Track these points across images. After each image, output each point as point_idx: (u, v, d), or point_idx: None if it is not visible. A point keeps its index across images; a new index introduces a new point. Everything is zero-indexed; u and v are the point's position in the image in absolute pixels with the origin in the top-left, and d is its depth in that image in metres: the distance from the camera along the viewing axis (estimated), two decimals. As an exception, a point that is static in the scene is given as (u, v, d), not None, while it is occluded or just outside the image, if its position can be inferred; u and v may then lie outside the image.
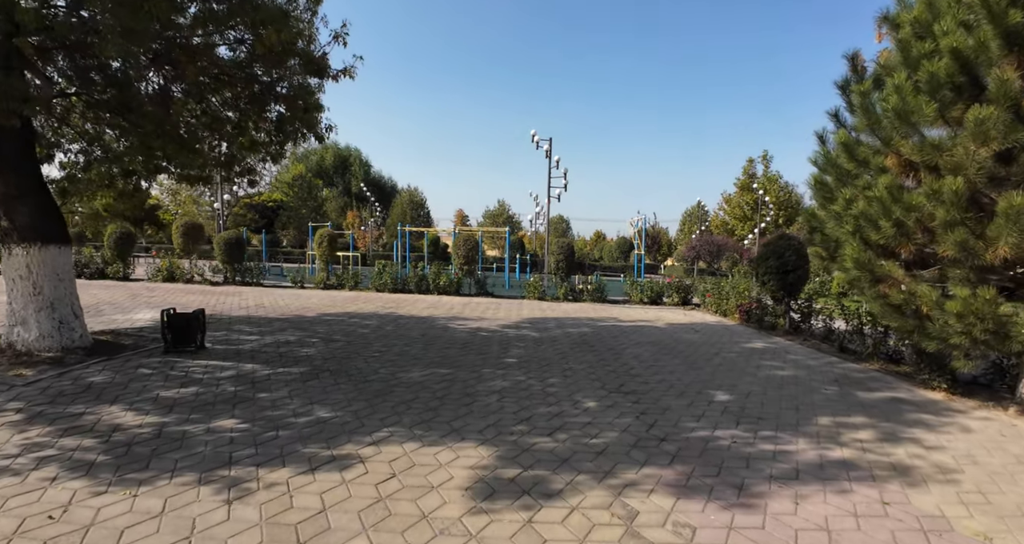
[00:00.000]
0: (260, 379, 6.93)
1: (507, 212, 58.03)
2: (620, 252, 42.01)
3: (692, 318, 14.96)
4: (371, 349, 8.90)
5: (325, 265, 18.71)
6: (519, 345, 9.76)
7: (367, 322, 11.58)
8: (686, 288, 18.26)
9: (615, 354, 9.35)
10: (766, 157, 40.95)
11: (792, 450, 5.24)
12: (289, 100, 7.85)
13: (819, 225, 7.42)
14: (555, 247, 18.33)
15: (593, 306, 16.96)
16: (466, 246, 17.75)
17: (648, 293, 18.11)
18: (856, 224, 6.07)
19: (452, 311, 14.09)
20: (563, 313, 14.77)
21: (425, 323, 11.81)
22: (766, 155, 41.11)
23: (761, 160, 40.91)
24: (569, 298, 18.06)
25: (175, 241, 18.86)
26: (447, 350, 9.07)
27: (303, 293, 17.09)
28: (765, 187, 38.94)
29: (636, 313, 15.52)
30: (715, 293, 16.13)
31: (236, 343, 8.99)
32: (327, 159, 63.26)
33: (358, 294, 17.38)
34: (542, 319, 13.35)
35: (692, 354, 9.70)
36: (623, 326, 12.71)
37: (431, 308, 14.58)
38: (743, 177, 40.70)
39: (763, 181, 39.32)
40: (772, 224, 37.47)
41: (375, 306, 14.45)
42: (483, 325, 11.89)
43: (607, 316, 14.46)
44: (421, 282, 18.01)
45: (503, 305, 16.07)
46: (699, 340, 11.22)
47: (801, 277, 11.46)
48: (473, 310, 14.52)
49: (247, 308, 13.13)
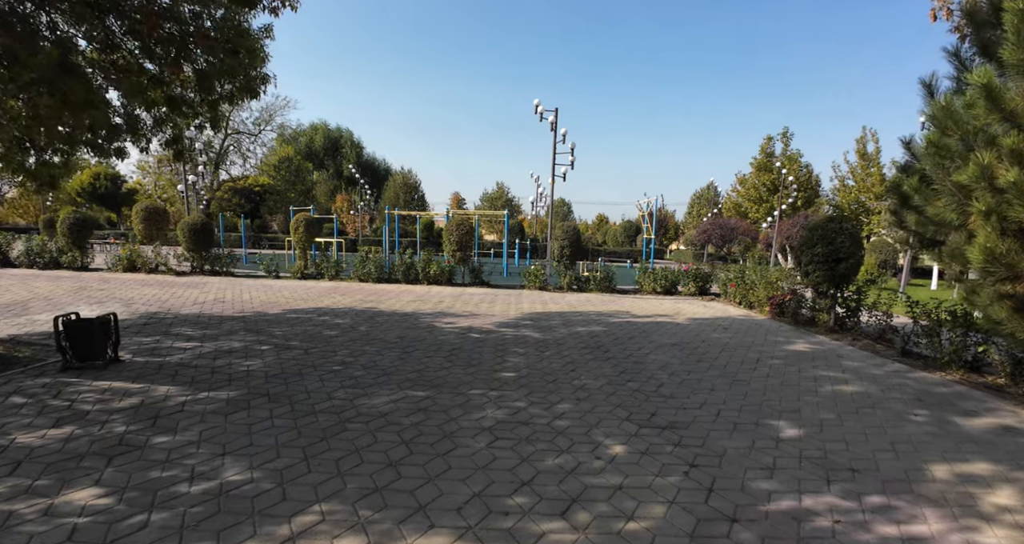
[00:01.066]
0: (169, 411, 5.14)
1: (506, 195, 55.74)
2: (626, 236, 40.02)
3: (714, 311, 13.16)
4: (333, 360, 7.10)
5: (303, 253, 16.86)
6: (518, 351, 7.97)
7: (338, 321, 9.77)
8: (704, 276, 16.44)
9: (636, 363, 7.56)
10: (786, 134, 38.29)
11: (926, 535, 3.48)
12: (211, 41, 5.93)
13: (920, 202, 5.56)
14: (559, 231, 16.47)
15: (601, 297, 15.15)
16: (459, 231, 15.89)
17: (662, 282, 16.29)
18: (995, 201, 4.24)
19: (441, 305, 12.28)
20: (568, 306, 12.96)
21: (407, 321, 10.00)
22: (786, 132, 38.40)
23: (780, 138, 38.34)
24: (574, 288, 16.24)
25: (135, 227, 16.97)
26: (428, 360, 7.27)
27: (276, 284, 15.26)
28: (786, 166, 36.71)
29: (650, 305, 13.72)
30: (739, 282, 14.31)
31: (164, 353, 7.19)
32: (317, 141, 60.80)
33: (337, 285, 15.55)
34: (544, 314, 11.54)
35: (729, 361, 7.91)
36: (639, 323, 10.91)
37: (418, 301, 12.76)
38: (760, 156, 38.20)
39: (783, 160, 36.94)
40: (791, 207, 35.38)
41: (353, 300, 12.63)
42: (476, 323, 10.09)
43: (618, 309, 12.65)
44: (409, 271, 16.17)
45: (500, 297, 14.26)
46: (731, 341, 9.44)
47: (853, 266, 9.65)
48: (465, 303, 12.71)
49: (203, 303, 11.31)
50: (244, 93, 6.84)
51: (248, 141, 45.10)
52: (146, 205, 17.12)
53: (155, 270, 16.58)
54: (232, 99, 7.20)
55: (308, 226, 16.58)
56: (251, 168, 45.83)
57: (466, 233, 15.92)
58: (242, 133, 44.68)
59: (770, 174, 36.53)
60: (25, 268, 16.39)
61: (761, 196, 36.90)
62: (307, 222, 16.56)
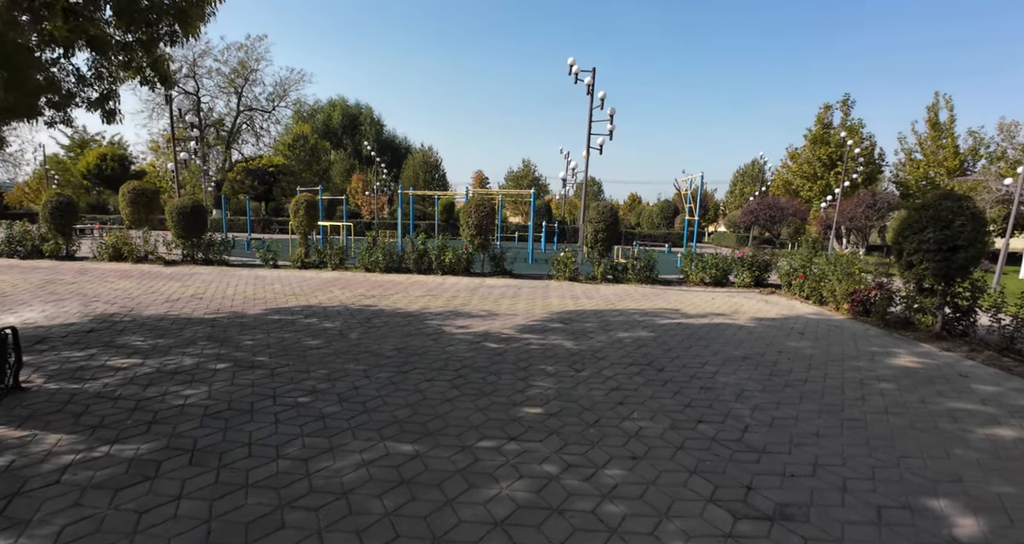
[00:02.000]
0: (39, 482, 3.50)
1: (532, 173, 53.33)
2: (663, 217, 37.47)
3: (779, 308, 11.13)
4: (303, 386, 5.39)
5: (303, 239, 15.24)
6: (545, 370, 6.15)
7: (327, 325, 8.08)
8: (762, 265, 14.33)
9: (704, 389, 5.69)
10: (847, 102, 34.81)
11: None
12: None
13: None
14: (593, 212, 14.51)
15: (641, 290, 13.20)
16: (479, 213, 14.05)
17: (712, 271, 14.24)
18: None
19: (455, 301, 10.50)
20: (604, 302, 11.07)
21: (411, 325, 8.26)
22: (847, 100, 34.87)
23: (840, 106, 34.82)
24: (609, 278, 14.32)
25: (122, 210, 15.54)
26: (428, 385, 5.51)
27: (270, 275, 13.67)
28: (849, 137, 33.48)
29: (701, 301, 11.73)
30: (808, 273, 12.20)
31: (90, 375, 5.56)
32: (335, 118, 59.10)
33: (340, 275, 13.90)
34: (577, 313, 9.68)
35: (825, 385, 5.99)
36: (693, 325, 8.98)
37: (427, 296, 11.01)
38: (816, 127, 34.86)
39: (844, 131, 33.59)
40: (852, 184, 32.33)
41: (353, 295, 10.94)
42: (494, 326, 8.29)
43: (664, 307, 10.71)
44: (421, 260, 14.42)
45: (524, 290, 12.42)
46: (815, 352, 7.47)
47: (973, 257, 7.55)
48: (483, 299, 10.91)
49: (176, 301, 9.75)
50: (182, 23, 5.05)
51: (261, 118, 43.61)
52: (134, 186, 15.65)
53: (143, 259, 15.16)
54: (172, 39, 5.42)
55: (309, 208, 14.91)
56: (265, 147, 44.42)
57: (486, 215, 14.07)
58: (255, 110, 43.19)
59: (827, 147, 33.34)
60: (5, 258, 15.13)
61: (816, 172, 33.77)
62: (307, 204, 14.89)
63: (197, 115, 42.07)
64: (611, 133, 14.56)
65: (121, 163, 40.37)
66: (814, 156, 34.61)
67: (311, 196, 15.21)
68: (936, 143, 33.09)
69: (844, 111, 35.23)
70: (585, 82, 13.84)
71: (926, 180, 33.50)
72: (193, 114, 42.17)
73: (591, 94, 13.85)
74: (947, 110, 33.34)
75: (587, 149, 14.34)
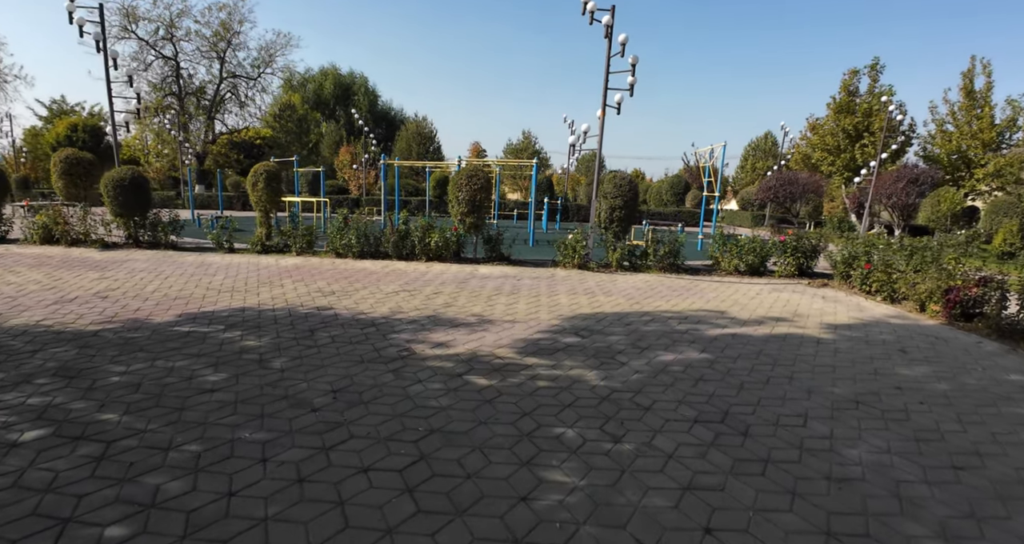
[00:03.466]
0: None
1: (533, 146, 50.31)
2: (673, 194, 34.81)
3: (846, 309, 8.80)
4: (136, 488, 3.07)
5: (265, 217, 12.82)
6: (563, 441, 3.84)
7: (249, 343, 5.73)
8: (809, 250, 11.95)
9: (837, 485, 3.37)
10: (875, 67, 31.52)
11: None
12: None
13: None
14: (609, 186, 12.05)
15: (666, 280, 10.84)
16: (471, 185, 11.62)
17: (749, 258, 11.86)
18: None
19: (436, 301, 8.15)
20: (626, 299, 8.71)
21: (368, 341, 5.92)
22: (876, 64, 31.49)
23: (868, 72, 31.66)
24: (626, 265, 11.95)
25: (54, 183, 13.11)
26: (360, 487, 3.19)
27: (220, 262, 11.30)
28: (875, 105, 30.44)
29: (746, 297, 9.39)
30: (878, 263, 9.83)
31: None
32: (326, 88, 55.73)
33: (304, 262, 11.52)
34: (596, 318, 7.34)
35: (1006, 461, 3.67)
36: (753, 338, 6.65)
37: (403, 293, 8.66)
38: (841, 95, 31.77)
39: (872, 99, 30.64)
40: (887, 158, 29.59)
41: (307, 291, 8.58)
42: (484, 344, 5.95)
43: (705, 308, 8.36)
44: (402, 243, 12.02)
45: (524, 281, 10.06)
46: (949, 388, 5.16)
47: None
48: (473, 296, 8.56)
49: (69, 301, 7.40)
50: None
51: (246, 86, 40.52)
52: (68, 154, 13.14)
53: (79, 241, 12.76)
54: None
55: (269, 181, 12.43)
56: (251, 118, 41.46)
57: (480, 189, 11.61)
58: (239, 77, 40.09)
59: (853, 117, 30.41)
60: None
61: (840, 145, 30.89)
62: (268, 175, 12.39)
63: (176, 82, 39.17)
64: (632, 88, 12.01)
65: (94, 134, 37.51)
66: (838, 127, 31.82)
67: (272, 166, 12.71)
68: (971, 113, 30.29)
69: (872, 77, 32.25)
70: (603, 22, 11.25)
71: (958, 154, 30.78)
72: (172, 81, 39.32)
73: (609, 37, 11.28)
74: (984, 76, 30.44)
75: (603, 107, 11.81)
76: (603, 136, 12.28)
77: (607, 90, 11.82)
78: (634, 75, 11.72)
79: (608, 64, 11.57)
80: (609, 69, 11.66)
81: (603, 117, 11.99)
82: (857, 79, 32.09)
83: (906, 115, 29.45)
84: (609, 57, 11.51)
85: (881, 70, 32.13)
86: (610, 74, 11.85)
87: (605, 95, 11.75)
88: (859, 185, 25.48)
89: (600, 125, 12.15)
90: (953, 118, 31.33)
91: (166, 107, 37.62)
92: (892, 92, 31.59)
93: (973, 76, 30.69)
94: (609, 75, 11.78)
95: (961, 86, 31.03)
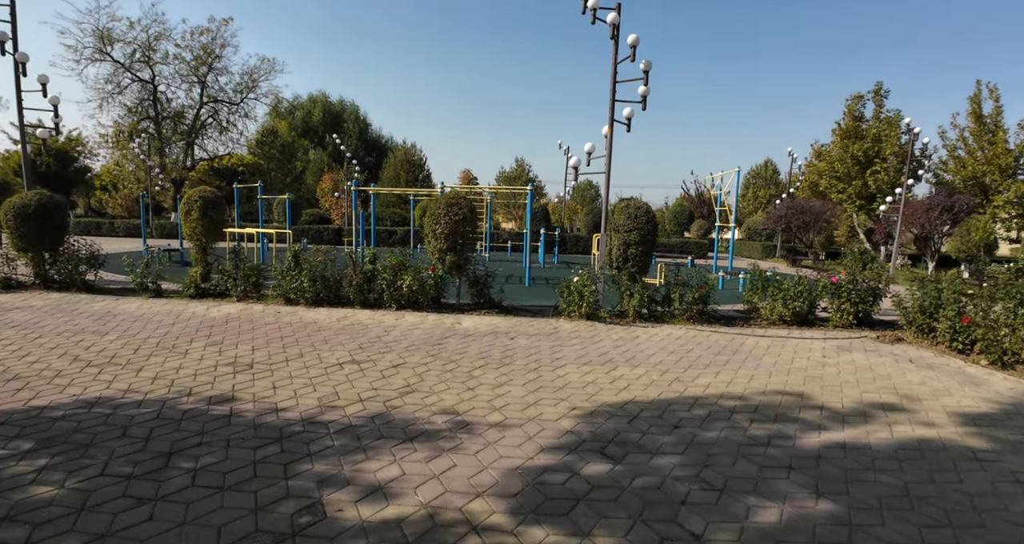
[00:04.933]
0: None
1: (527, 173, 48.36)
2: (676, 223, 32.69)
3: (958, 384, 6.45)
4: None
5: (202, 253, 10.48)
6: None
7: (36, 493, 3.31)
8: (867, 293, 9.71)
9: None
10: (879, 92, 30.09)
11: None
12: None
13: None
14: (622, 217, 9.82)
15: (701, 335, 8.50)
16: (450, 217, 9.37)
17: (796, 303, 9.58)
18: None
19: (392, 381, 5.76)
20: (658, 371, 6.35)
21: (255, 480, 3.54)
22: (879, 90, 30.12)
23: (872, 97, 30.19)
24: (644, 314, 9.64)
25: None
26: None
27: (129, 311, 8.91)
28: (882, 130, 28.78)
29: (811, 362, 7.04)
30: (976, 316, 7.56)
31: None
32: (315, 115, 53.98)
33: (242, 310, 9.14)
34: (623, 411, 4.97)
35: None
36: (873, 450, 4.29)
37: (350, 364, 6.27)
38: (847, 120, 30.22)
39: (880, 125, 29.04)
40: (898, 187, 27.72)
41: (212, 365, 6.17)
42: (451, 485, 3.58)
43: (773, 387, 5.99)
44: (368, 287, 9.69)
45: (519, 343, 7.68)
46: None
47: None
48: (446, 373, 6.18)
49: None
50: None
51: (227, 111, 38.57)
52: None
53: (-27, 281, 10.35)
54: None
55: (206, 209, 10.09)
56: (233, 144, 39.38)
57: (462, 220, 9.35)
58: (220, 102, 38.20)
59: (861, 143, 28.73)
60: None
61: (850, 172, 29.07)
62: (204, 202, 10.05)
63: (154, 106, 37.26)
64: (644, 100, 9.90)
65: (61, 158, 35.15)
66: (846, 153, 30.10)
67: (210, 192, 10.41)
68: (982, 138, 28.69)
69: (877, 102, 30.74)
70: (607, 21, 9.21)
71: (973, 180, 29.03)
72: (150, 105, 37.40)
73: (616, 38, 9.21)
74: (992, 101, 28.96)
75: (610, 122, 9.67)
76: (611, 157, 10.11)
77: (614, 102, 9.70)
78: (647, 83, 9.60)
79: (615, 71, 9.47)
80: (616, 78, 9.56)
81: (610, 134, 9.85)
82: (861, 104, 30.57)
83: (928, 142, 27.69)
84: (616, 63, 9.42)
85: (886, 95, 30.66)
86: (617, 83, 9.78)
87: (612, 108, 9.62)
88: (884, 213, 23.45)
89: (607, 144, 10.00)
90: (964, 143, 29.75)
91: (141, 131, 35.61)
92: (901, 117, 30.05)
93: (980, 101, 29.24)
94: (616, 84, 9.68)
95: (969, 111, 29.56)
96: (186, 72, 36.81)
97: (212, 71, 37.23)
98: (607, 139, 10.06)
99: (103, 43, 33.72)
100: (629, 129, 10.14)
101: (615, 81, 9.67)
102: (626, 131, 10.09)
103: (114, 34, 33.83)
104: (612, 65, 9.52)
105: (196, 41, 36.29)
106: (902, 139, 29.08)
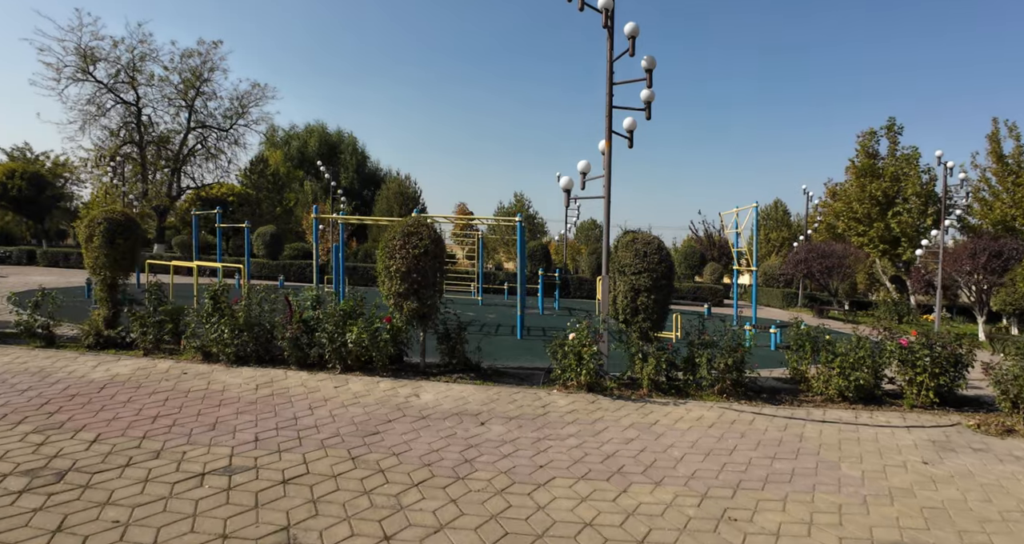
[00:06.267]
0: None
1: (527, 209, 46.64)
2: (687, 266, 30.62)
3: None
4: None
5: (108, 291, 8.44)
6: None
7: None
8: (948, 361, 7.53)
9: None
10: (892, 128, 28.60)
11: None
12: None
13: None
14: (628, 255, 7.76)
15: (739, 421, 6.30)
16: (407, 250, 7.33)
17: (858, 374, 7.40)
18: None
19: (263, 519, 3.59)
20: (695, 495, 4.16)
21: None
22: (892, 125, 28.73)
23: (886, 132, 28.63)
24: (663, 385, 7.46)
25: None
26: None
27: (-7, 367, 6.78)
28: (900, 168, 27.01)
29: (912, 474, 4.82)
30: None
31: None
32: (311, 145, 52.86)
33: (143, 368, 7.01)
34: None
35: None
36: None
37: (216, 477, 4.12)
38: (861, 157, 28.49)
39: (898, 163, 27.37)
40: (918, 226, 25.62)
41: (17, 467, 4.02)
42: None
43: (879, 537, 3.77)
44: (307, 340, 7.57)
45: (491, 436, 5.48)
46: None
47: None
48: (362, 495, 4.04)
49: None
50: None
51: (215, 137, 37.17)
52: None
53: None
54: None
55: (111, 236, 8.05)
56: (219, 170, 37.81)
57: (422, 255, 7.28)
58: (209, 127, 36.83)
59: (880, 182, 26.97)
60: None
61: (870, 213, 27.17)
62: (109, 227, 8.02)
63: (137, 129, 35.93)
64: (649, 107, 7.97)
65: (34, 182, 33.42)
66: (864, 193, 28.27)
67: (118, 215, 8.40)
68: (1007, 180, 26.92)
69: (891, 139, 29.16)
70: (599, 6, 7.39)
71: (1002, 224, 27.08)
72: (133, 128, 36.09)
73: (609, 28, 7.37)
74: (1013, 140, 27.33)
75: (607, 134, 7.76)
76: (611, 177, 8.11)
77: (612, 109, 7.79)
78: (651, 85, 7.69)
79: (611, 71, 7.60)
80: (612, 79, 7.67)
81: (608, 149, 7.91)
82: (875, 140, 28.92)
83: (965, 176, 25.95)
84: (611, 60, 7.56)
85: (899, 131, 29.05)
86: (614, 85, 7.89)
87: (610, 116, 7.71)
88: (922, 259, 21.37)
89: (606, 162, 8.04)
90: (988, 185, 27.96)
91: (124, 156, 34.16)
92: (918, 154, 28.38)
93: (1000, 139, 27.63)
94: (613, 86, 7.79)
95: (989, 150, 27.87)
96: (173, 95, 35.62)
97: (201, 95, 36.03)
98: (605, 156, 8.11)
99: (86, 62, 32.54)
100: (631, 145, 8.18)
101: (611, 82, 7.77)
102: (628, 147, 8.11)
103: (97, 53, 32.70)
104: (608, 62, 7.64)
105: (184, 64, 35.17)
106: (923, 178, 27.31)
